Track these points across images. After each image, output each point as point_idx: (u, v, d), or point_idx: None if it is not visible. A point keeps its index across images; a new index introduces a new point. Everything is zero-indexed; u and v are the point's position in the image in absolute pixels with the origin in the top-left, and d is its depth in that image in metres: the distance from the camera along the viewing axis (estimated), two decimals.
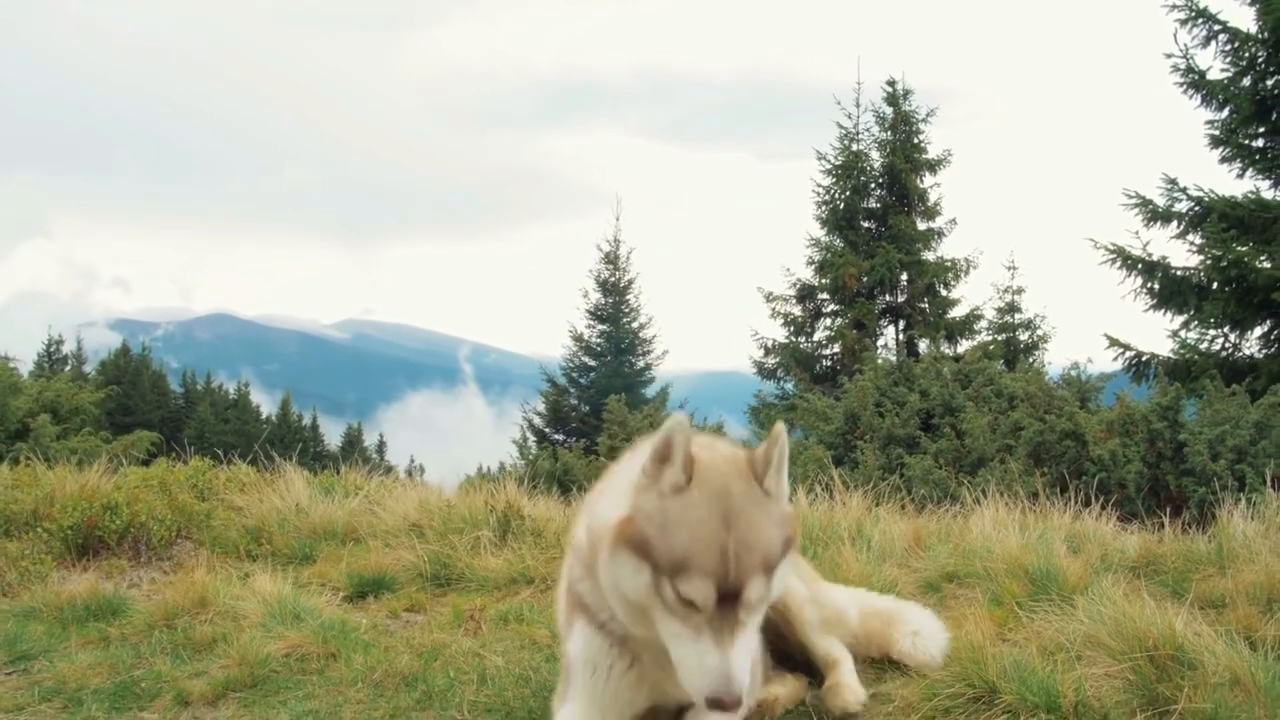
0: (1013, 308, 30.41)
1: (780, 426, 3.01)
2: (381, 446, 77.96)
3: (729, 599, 2.76)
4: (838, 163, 29.72)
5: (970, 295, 30.39)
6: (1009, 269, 30.57)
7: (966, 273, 29.54)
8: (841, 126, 30.11)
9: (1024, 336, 29.91)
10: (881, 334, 29.62)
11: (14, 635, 5.04)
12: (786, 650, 4.20)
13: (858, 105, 30.17)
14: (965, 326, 29.10)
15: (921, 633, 4.40)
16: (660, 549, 2.78)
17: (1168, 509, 7.62)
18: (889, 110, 29.80)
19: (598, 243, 37.95)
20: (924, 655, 4.31)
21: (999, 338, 28.72)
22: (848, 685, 3.92)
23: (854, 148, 29.93)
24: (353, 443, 69.93)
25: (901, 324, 29.69)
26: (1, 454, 11.38)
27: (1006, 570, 5.27)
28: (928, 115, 29.95)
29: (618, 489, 3.09)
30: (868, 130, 30.18)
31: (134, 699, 4.27)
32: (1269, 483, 6.66)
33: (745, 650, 2.80)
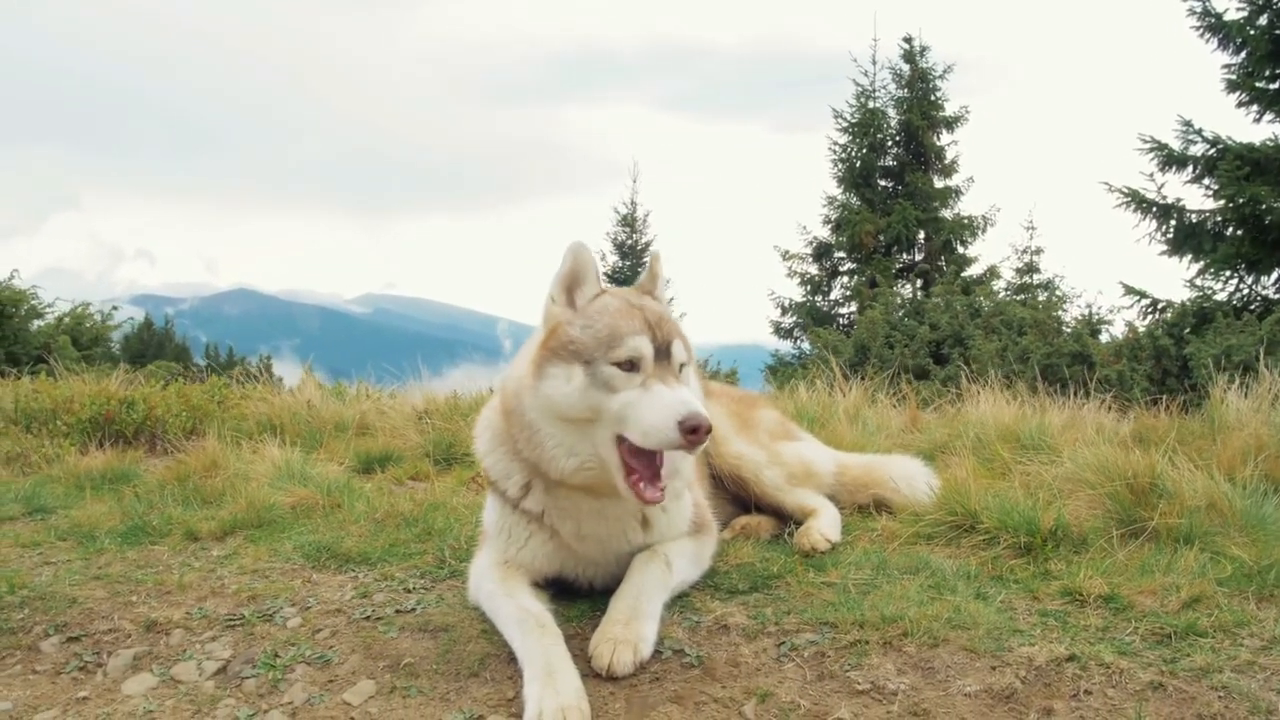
0: (1031, 268, 30.33)
1: (657, 248, 3.33)
2: None
3: (662, 355, 2.99)
4: (854, 120, 29.55)
5: (987, 253, 30.27)
6: (1027, 229, 30.49)
7: (984, 230, 29.40)
8: (858, 84, 29.91)
9: (1042, 297, 29.82)
10: (899, 293, 29.54)
11: (31, 493, 5.23)
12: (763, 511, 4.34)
13: (874, 63, 30.00)
14: (982, 284, 29.01)
15: (912, 476, 4.50)
16: (587, 340, 2.99)
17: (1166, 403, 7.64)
18: (905, 67, 29.62)
19: (615, 205, 37.79)
20: (914, 495, 4.40)
21: (1017, 298, 28.61)
22: (816, 528, 4.04)
23: (870, 105, 29.74)
24: None
25: (919, 281, 29.61)
26: (23, 376, 11.62)
27: (998, 437, 5.37)
28: (944, 72, 29.71)
29: (524, 351, 3.27)
30: (884, 88, 30.02)
31: (145, 535, 4.45)
32: (1260, 361, 6.68)
33: (693, 395, 2.96)
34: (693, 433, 2.79)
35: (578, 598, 3.44)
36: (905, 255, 29.61)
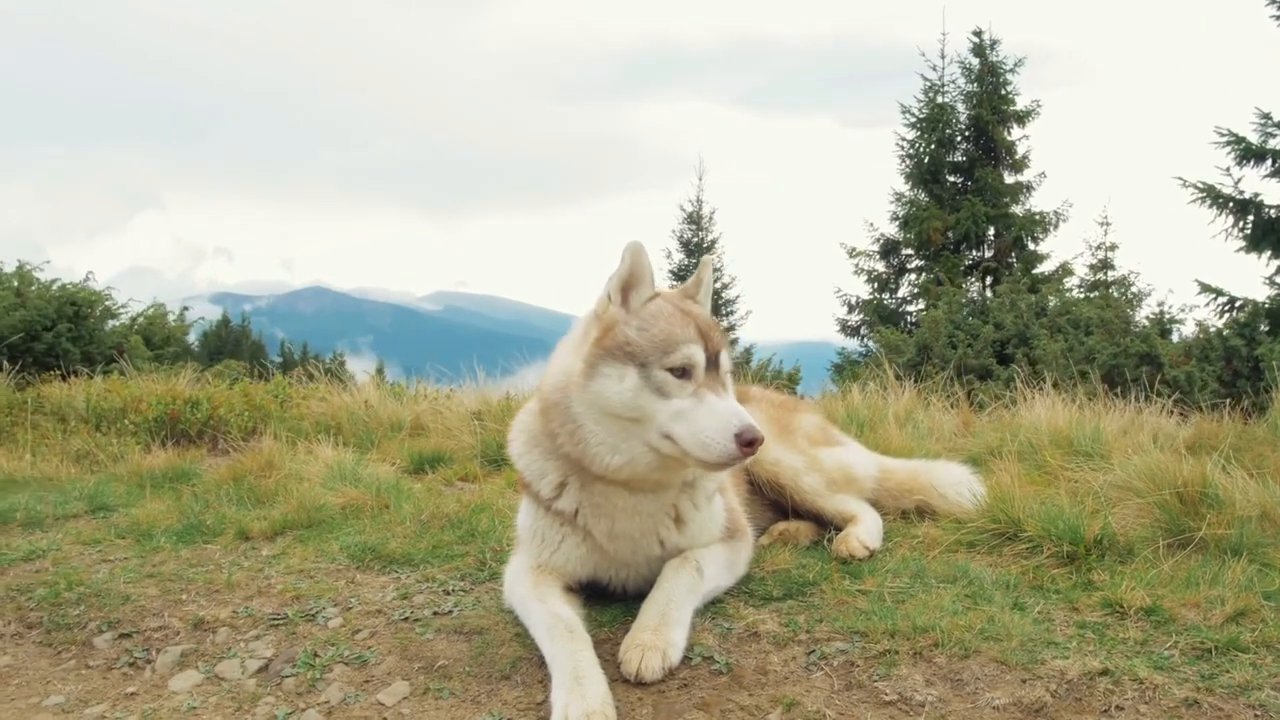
0: (1105, 264, 29.59)
1: (709, 256, 3.36)
2: None
3: (712, 364, 3.07)
4: (922, 116, 29.09)
5: (1060, 250, 29.57)
6: (1101, 225, 29.74)
7: (1055, 226, 28.73)
8: (926, 79, 29.46)
9: (1116, 294, 29.05)
10: (965, 291, 28.97)
11: (95, 491, 5.41)
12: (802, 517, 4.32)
13: (943, 57, 29.50)
14: (1052, 281, 28.39)
15: (957, 482, 4.45)
16: (643, 343, 3.04)
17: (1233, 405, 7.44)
18: (975, 61, 29.09)
19: (680, 203, 37.63)
20: (958, 502, 4.35)
21: (1091, 295, 27.90)
22: (855, 535, 4.02)
23: (939, 100, 29.24)
24: None
25: (988, 279, 29.08)
26: (95, 375, 11.97)
27: (1051, 442, 5.28)
28: (1015, 66, 29.08)
29: (567, 348, 3.28)
30: (953, 82, 29.48)
31: (199, 534, 4.58)
32: None
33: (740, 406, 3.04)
34: (749, 445, 2.87)
35: (611, 601, 3.46)
36: (974, 252, 29.07)
